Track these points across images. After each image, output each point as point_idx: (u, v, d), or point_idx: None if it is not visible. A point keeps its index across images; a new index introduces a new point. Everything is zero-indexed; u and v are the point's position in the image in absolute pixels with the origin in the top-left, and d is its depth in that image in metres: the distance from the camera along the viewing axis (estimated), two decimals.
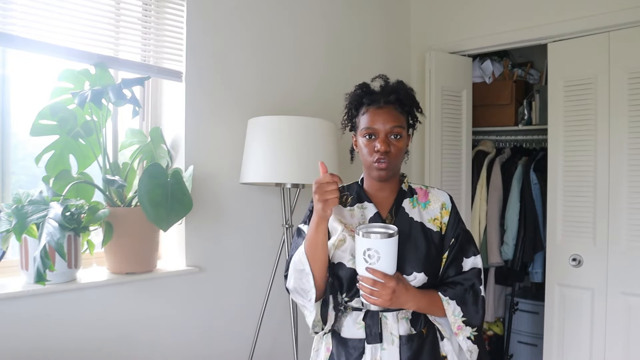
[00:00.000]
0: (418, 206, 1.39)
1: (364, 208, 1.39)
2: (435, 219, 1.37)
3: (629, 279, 2.39)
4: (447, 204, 1.40)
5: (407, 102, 1.36)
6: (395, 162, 1.33)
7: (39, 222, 1.57)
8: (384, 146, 1.30)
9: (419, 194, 1.42)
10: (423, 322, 1.33)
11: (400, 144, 1.33)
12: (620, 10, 2.40)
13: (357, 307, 1.33)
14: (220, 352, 2.18)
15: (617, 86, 2.42)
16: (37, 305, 1.65)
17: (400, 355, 1.29)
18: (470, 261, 1.37)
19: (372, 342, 1.29)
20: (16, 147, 1.87)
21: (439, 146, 2.94)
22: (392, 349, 1.29)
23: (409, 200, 1.40)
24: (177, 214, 1.85)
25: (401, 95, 1.35)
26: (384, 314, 1.30)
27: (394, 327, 1.30)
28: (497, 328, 3.42)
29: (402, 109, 1.35)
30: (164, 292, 2.00)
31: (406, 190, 1.41)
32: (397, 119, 1.33)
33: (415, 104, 1.39)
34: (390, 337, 1.29)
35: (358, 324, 1.32)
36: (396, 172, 1.38)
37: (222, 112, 2.21)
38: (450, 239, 1.36)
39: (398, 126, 1.32)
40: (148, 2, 2.03)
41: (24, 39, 1.68)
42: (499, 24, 2.84)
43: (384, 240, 1.19)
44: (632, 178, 2.39)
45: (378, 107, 1.33)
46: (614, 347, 2.42)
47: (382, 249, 1.20)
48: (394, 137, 1.32)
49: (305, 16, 2.57)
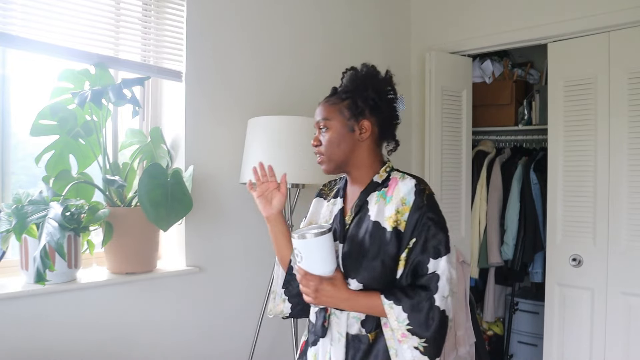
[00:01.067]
0: (382, 201, 1.28)
1: (334, 204, 1.40)
2: (390, 217, 1.24)
3: (629, 279, 2.39)
4: (407, 198, 1.24)
5: (346, 87, 1.32)
6: (327, 154, 1.31)
7: (39, 222, 1.57)
8: (314, 141, 1.34)
9: (390, 186, 1.29)
10: (374, 326, 1.27)
11: (327, 135, 1.31)
12: (620, 10, 2.40)
13: None
14: (220, 352, 2.18)
15: (617, 86, 2.42)
16: (37, 305, 1.65)
17: (347, 355, 1.28)
18: (432, 264, 1.21)
19: (315, 334, 1.33)
20: (16, 147, 1.87)
21: (439, 146, 2.94)
22: (338, 346, 1.29)
23: (377, 193, 1.30)
24: (177, 214, 1.85)
25: (341, 84, 1.35)
26: (334, 312, 1.30)
27: (342, 326, 1.29)
28: (497, 328, 3.42)
29: (337, 98, 1.32)
30: (164, 292, 2.00)
31: (379, 181, 1.31)
32: (322, 113, 1.33)
33: (360, 84, 1.30)
34: (337, 335, 1.30)
35: (315, 314, 1.37)
36: (343, 163, 1.32)
37: (222, 112, 2.21)
38: (409, 237, 1.22)
39: (322, 119, 1.32)
40: (148, 2, 2.03)
41: (24, 39, 1.68)
42: (499, 24, 2.84)
43: (302, 241, 1.21)
44: (632, 178, 2.39)
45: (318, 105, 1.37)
46: (614, 347, 2.42)
47: (302, 249, 1.22)
48: (323, 130, 1.33)
49: (305, 16, 2.57)
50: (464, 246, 3.08)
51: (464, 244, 3.08)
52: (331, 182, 1.50)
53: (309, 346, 1.38)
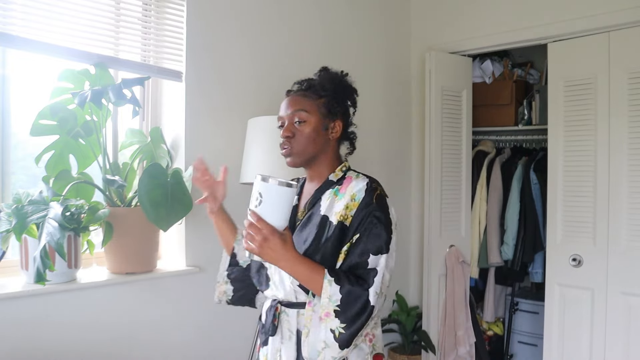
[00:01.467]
0: (334, 197, 1.31)
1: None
2: (338, 212, 1.26)
3: (629, 279, 2.39)
4: (358, 195, 1.26)
5: (322, 85, 1.33)
6: (299, 148, 1.30)
7: (39, 222, 1.57)
8: (285, 132, 1.30)
9: (344, 184, 1.32)
10: None
11: (305, 128, 1.29)
12: (620, 10, 2.40)
13: (270, 297, 1.38)
14: (220, 352, 2.18)
15: (617, 86, 2.42)
16: (37, 305, 1.65)
17: (297, 352, 1.29)
18: (372, 260, 1.21)
19: (266, 333, 1.34)
20: (16, 147, 1.87)
21: (439, 146, 2.94)
22: (289, 344, 1.30)
23: (331, 191, 1.32)
24: (177, 214, 1.85)
25: (316, 81, 1.35)
26: (284, 310, 1.31)
27: (292, 324, 1.30)
28: (497, 328, 3.42)
29: (315, 93, 1.32)
30: (164, 292, 2.00)
31: (335, 180, 1.34)
32: (300, 105, 1.31)
33: (338, 86, 1.35)
34: (288, 333, 1.31)
35: (266, 312, 1.38)
36: (312, 158, 1.32)
37: (222, 112, 2.21)
38: (353, 232, 1.23)
39: (300, 110, 1.30)
40: (148, 2, 2.03)
41: (24, 39, 1.68)
42: (499, 24, 2.84)
43: (273, 186, 1.13)
44: (632, 178, 2.39)
45: (287, 97, 1.36)
46: (614, 347, 2.42)
47: (268, 194, 1.14)
48: (298, 123, 1.30)
49: (305, 16, 2.57)
50: (464, 246, 3.08)
51: (464, 244, 3.08)
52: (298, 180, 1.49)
53: (261, 347, 1.39)
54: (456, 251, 3.01)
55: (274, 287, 1.35)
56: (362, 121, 3.22)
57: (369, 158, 2.96)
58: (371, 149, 2.97)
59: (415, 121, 3.22)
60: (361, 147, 3.15)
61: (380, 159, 3.04)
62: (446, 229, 3.00)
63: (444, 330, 2.95)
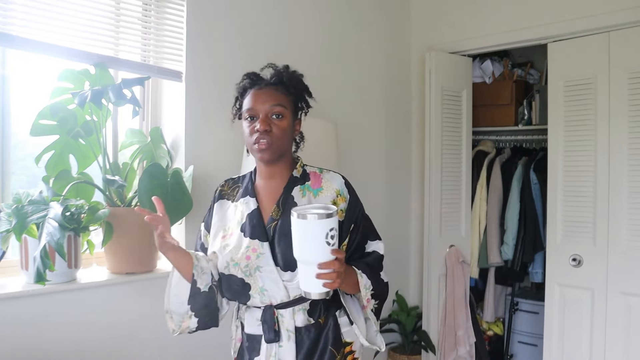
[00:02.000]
0: (309, 194, 1.33)
1: (245, 203, 1.36)
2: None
3: (629, 279, 2.39)
4: (341, 190, 1.34)
5: (290, 83, 1.34)
6: (278, 143, 1.29)
7: (39, 222, 1.57)
8: (264, 125, 1.27)
9: (312, 179, 1.35)
10: (322, 311, 1.32)
11: (283, 123, 1.30)
12: (620, 10, 2.40)
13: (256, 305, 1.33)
14: (220, 351, 2.18)
15: (617, 86, 2.42)
16: (37, 305, 1.65)
17: (297, 349, 1.29)
18: (373, 245, 1.38)
19: (270, 340, 1.30)
20: (16, 147, 1.87)
21: (439, 146, 2.94)
22: (288, 344, 1.30)
23: (300, 187, 1.34)
24: (177, 214, 1.85)
25: (284, 77, 1.34)
26: (279, 312, 1.30)
27: (289, 323, 1.30)
28: (497, 328, 3.42)
29: (285, 90, 1.33)
30: (163, 292, 1.99)
31: (298, 176, 1.36)
32: (277, 99, 1.30)
33: (302, 87, 1.37)
34: (287, 333, 1.30)
35: (257, 321, 1.32)
36: (282, 154, 1.33)
37: (222, 112, 2.20)
38: (349, 224, 1.33)
39: (278, 104, 1.30)
40: (148, 2, 2.03)
41: (24, 39, 1.68)
42: (499, 24, 2.84)
43: (337, 217, 1.12)
44: (632, 178, 2.39)
45: (259, 89, 1.33)
46: (614, 347, 2.42)
47: (337, 227, 1.12)
48: (275, 117, 1.29)
49: (305, 16, 2.57)
50: (464, 246, 3.08)
51: (464, 244, 3.08)
52: (228, 182, 1.47)
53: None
54: (456, 251, 3.01)
55: (262, 294, 1.30)
56: (362, 121, 3.24)
57: (369, 158, 2.96)
58: (371, 149, 2.97)
59: (415, 121, 3.22)
60: (361, 147, 3.17)
61: (380, 159, 3.04)
62: (446, 229, 3.00)
63: (444, 330, 2.95)
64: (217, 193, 1.46)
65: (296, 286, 1.27)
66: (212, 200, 1.46)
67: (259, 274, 1.29)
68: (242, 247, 1.30)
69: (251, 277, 1.30)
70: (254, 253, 1.28)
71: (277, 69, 1.36)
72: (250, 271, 1.29)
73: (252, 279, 1.30)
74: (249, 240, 1.30)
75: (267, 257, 1.27)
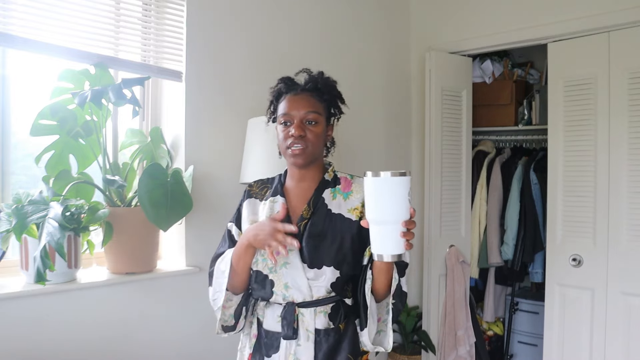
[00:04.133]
0: (339, 197, 1.37)
1: (274, 202, 1.39)
2: (355, 209, 1.35)
3: (629, 279, 2.39)
4: None
5: (325, 90, 1.37)
6: (311, 148, 1.32)
7: (39, 222, 1.57)
8: (298, 130, 1.30)
9: (343, 184, 1.40)
10: (342, 317, 1.33)
11: (317, 129, 1.33)
12: (620, 10, 2.40)
13: (278, 302, 1.34)
14: (220, 351, 2.18)
15: (617, 86, 2.42)
16: (37, 305, 1.65)
17: (315, 351, 1.30)
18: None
19: (288, 337, 1.30)
20: (16, 147, 1.87)
21: (439, 146, 2.94)
22: (307, 344, 1.30)
23: (330, 190, 1.38)
24: (177, 214, 1.85)
25: (319, 83, 1.37)
26: (300, 310, 1.31)
27: (310, 323, 1.30)
28: (497, 328, 3.42)
29: (319, 97, 1.36)
30: (164, 292, 2.00)
31: (329, 179, 1.40)
32: (312, 105, 1.33)
33: (336, 93, 1.40)
34: (306, 334, 1.30)
35: (277, 318, 1.33)
36: (315, 159, 1.37)
37: (222, 112, 2.21)
38: None
39: (313, 112, 1.33)
40: (148, 2, 2.03)
41: (24, 39, 1.68)
42: (499, 24, 2.84)
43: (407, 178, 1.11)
44: (632, 178, 2.39)
45: (294, 94, 1.36)
46: (614, 347, 2.42)
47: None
48: (309, 123, 1.33)
49: (305, 16, 2.57)
50: (464, 246, 3.08)
51: (464, 244, 3.08)
52: (257, 182, 1.49)
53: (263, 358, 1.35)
54: (456, 251, 3.01)
55: (285, 291, 1.32)
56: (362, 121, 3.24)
57: (369, 158, 2.96)
58: (371, 149, 2.97)
59: (415, 121, 3.22)
60: (361, 146, 3.17)
61: (380, 158, 3.04)
62: (446, 229, 3.00)
63: (444, 330, 2.95)
64: (245, 193, 1.49)
65: (320, 285, 1.30)
66: (241, 199, 1.48)
67: (284, 270, 1.31)
68: None
69: (276, 274, 1.32)
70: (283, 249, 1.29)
71: (312, 75, 1.39)
72: (276, 267, 1.32)
73: (276, 275, 1.32)
74: None
75: (295, 253, 1.29)
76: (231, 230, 1.44)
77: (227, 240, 1.44)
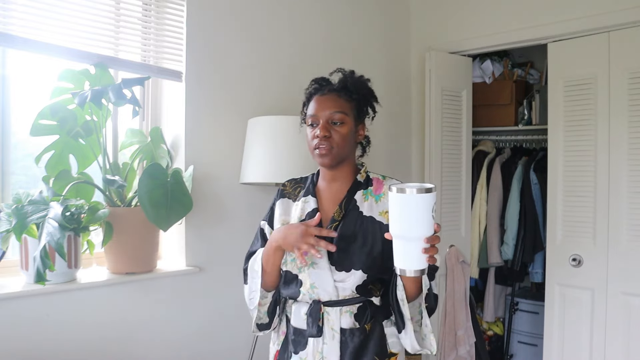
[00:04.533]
0: (371, 199, 1.36)
1: (305, 202, 1.39)
2: (387, 212, 1.31)
3: (629, 279, 2.39)
4: None
5: (354, 89, 1.36)
6: (338, 149, 1.32)
7: (39, 222, 1.57)
8: (323, 131, 1.30)
9: (375, 185, 1.39)
10: (368, 317, 1.32)
11: (343, 130, 1.32)
12: (620, 10, 2.40)
13: (305, 300, 1.34)
14: (221, 351, 2.18)
15: (617, 86, 2.42)
16: (37, 305, 1.65)
17: (341, 350, 1.30)
18: None
19: (312, 335, 1.31)
20: (16, 147, 1.87)
21: (439, 146, 2.94)
22: (332, 343, 1.30)
23: (362, 192, 1.37)
24: (177, 214, 1.85)
25: (348, 82, 1.36)
26: (326, 309, 1.31)
27: (335, 322, 1.31)
28: (497, 328, 3.42)
29: (348, 96, 1.35)
30: (164, 292, 2.00)
31: (362, 181, 1.39)
32: (338, 105, 1.33)
33: (367, 92, 1.39)
34: (331, 332, 1.31)
35: (304, 316, 1.34)
36: (343, 160, 1.36)
37: (222, 112, 2.21)
38: None
39: (338, 112, 1.32)
40: (148, 2, 2.03)
41: (24, 39, 1.68)
42: (499, 24, 2.84)
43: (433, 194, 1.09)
44: (632, 178, 2.39)
45: (321, 95, 1.36)
46: (614, 347, 2.42)
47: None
48: (335, 123, 1.32)
49: (305, 16, 2.57)
50: (464, 246, 3.08)
51: (464, 244, 3.08)
52: (290, 182, 1.49)
53: (290, 355, 1.36)
54: (456, 251, 3.01)
55: (312, 291, 1.32)
56: None
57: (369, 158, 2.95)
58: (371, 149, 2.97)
59: (415, 121, 3.22)
60: None
61: (380, 158, 3.04)
62: (446, 229, 3.00)
63: (444, 330, 2.95)
64: (279, 192, 1.48)
65: (347, 287, 1.30)
66: (274, 198, 1.48)
67: (312, 270, 1.31)
68: None
69: (304, 273, 1.33)
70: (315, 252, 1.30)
71: (344, 75, 1.39)
72: (304, 267, 1.32)
73: (304, 274, 1.33)
74: None
75: (324, 254, 1.29)
76: (264, 229, 1.45)
77: (260, 239, 1.44)
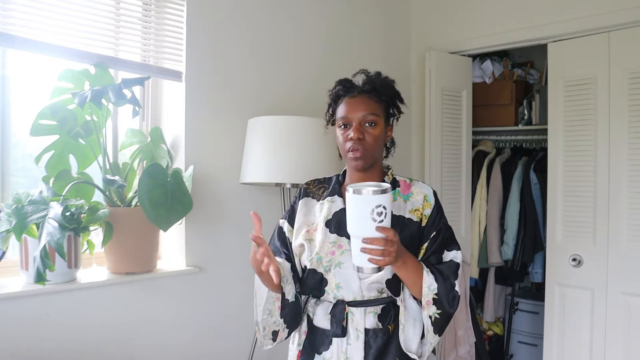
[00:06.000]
0: (400, 199, 1.37)
1: (332, 202, 1.39)
2: (417, 210, 1.35)
3: (629, 279, 2.39)
4: (429, 196, 1.37)
5: (383, 90, 1.36)
6: (371, 151, 1.32)
7: (39, 222, 1.57)
8: (357, 133, 1.30)
9: (402, 186, 1.40)
10: (392, 318, 1.32)
11: (376, 131, 1.32)
12: (620, 10, 2.40)
13: (329, 300, 1.34)
14: (221, 352, 2.18)
15: (617, 86, 2.42)
16: (37, 305, 1.65)
17: (365, 351, 1.30)
18: (451, 254, 1.34)
19: (336, 335, 1.31)
20: (16, 147, 1.87)
21: (439, 146, 2.94)
22: (356, 344, 1.30)
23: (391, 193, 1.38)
24: (177, 214, 1.85)
25: (377, 84, 1.36)
26: (350, 309, 1.31)
27: (359, 323, 1.31)
28: (497, 328, 3.42)
29: (378, 97, 1.35)
30: (164, 292, 2.00)
31: (389, 182, 1.40)
32: (370, 107, 1.32)
33: (394, 93, 1.39)
34: (356, 333, 1.31)
35: (327, 315, 1.33)
36: (375, 162, 1.36)
37: (222, 112, 2.21)
38: (431, 231, 1.34)
39: (371, 114, 1.32)
40: (148, 2, 2.03)
41: (24, 39, 1.68)
42: (499, 24, 2.84)
43: (389, 195, 1.12)
44: (632, 178, 2.39)
45: (352, 97, 1.35)
46: (614, 347, 2.42)
47: (389, 205, 1.13)
48: (368, 125, 1.32)
49: (305, 16, 2.57)
50: (464, 246, 3.08)
51: (464, 244, 3.08)
52: (314, 182, 1.49)
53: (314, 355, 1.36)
54: None
55: (337, 291, 1.32)
56: None
57: None
58: None
59: (415, 121, 3.22)
60: None
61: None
62: None
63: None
64: (301, 191, 1.48)
65: (373, 287, 1.30)
66: (296, 197, 1.48)
67: (338, 269, 1.31)
68: (328, 242, 1.33)
69: (329, 273, 1.33)
70: (340, 249, 1.31)
71: (370, 76, 1.39)
72: (330, 267, 1.32)
73: (330, 274, 1.33)
74: (336, 236, 1.33)
75: (349, 254, 1.28)
76: (282, 227, 1.44)
77: (277, 237, 1.44)
